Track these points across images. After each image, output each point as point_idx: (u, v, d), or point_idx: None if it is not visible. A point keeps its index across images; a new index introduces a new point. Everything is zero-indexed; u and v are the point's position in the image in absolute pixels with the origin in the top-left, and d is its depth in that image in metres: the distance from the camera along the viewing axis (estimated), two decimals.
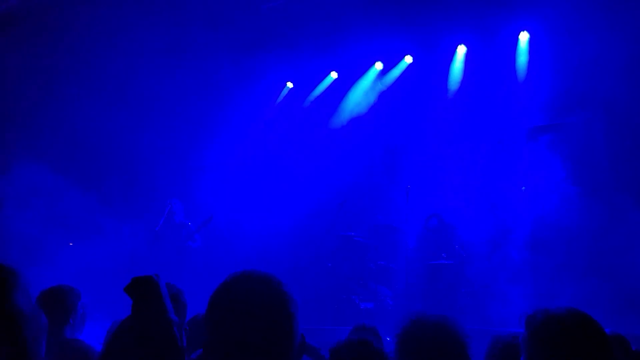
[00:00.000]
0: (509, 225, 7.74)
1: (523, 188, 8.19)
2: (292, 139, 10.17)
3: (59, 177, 8.50)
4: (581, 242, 7.25)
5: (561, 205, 7.46)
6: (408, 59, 9.43)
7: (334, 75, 10.10)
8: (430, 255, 8.23)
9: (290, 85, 10.43)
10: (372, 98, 9.76)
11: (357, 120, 9.77)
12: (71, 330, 3.22)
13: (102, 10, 8.42)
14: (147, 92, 9.22)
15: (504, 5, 8.18)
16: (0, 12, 8.47)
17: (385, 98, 9.64)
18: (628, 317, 6.12)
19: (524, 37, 8.48)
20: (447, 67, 9.02)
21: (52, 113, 8.99)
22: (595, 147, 7.74)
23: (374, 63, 9.73)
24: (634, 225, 6.91)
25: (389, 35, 8.87)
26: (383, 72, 9.75)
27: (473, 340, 2.21)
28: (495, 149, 8.49)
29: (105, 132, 8.87)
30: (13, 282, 1.84)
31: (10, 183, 8.27)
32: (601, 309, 6.14)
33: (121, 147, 9.09)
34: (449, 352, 2.09)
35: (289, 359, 1.41)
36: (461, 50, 8.97)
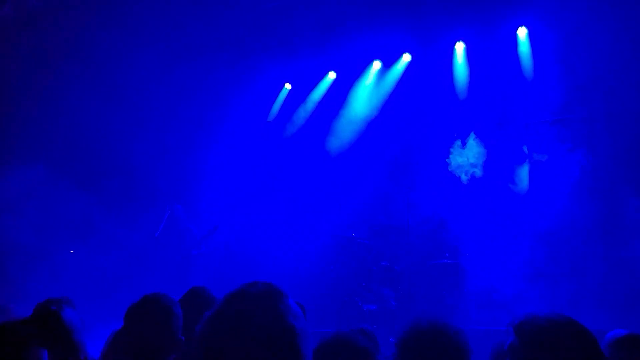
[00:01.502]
0: (511, 224, 7.71)
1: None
2: (292, 141, 10.14)
3: (57, 182, 8.47)
4: (585, 240, 7.21)
5: (565, 202, 7.43)
6: (406, 57, 9.40)
7: (332, 75, 10.08)
8: (432, 255, 8.18)
9: (288, 86, 10.41)
10: (371, 98, 9.72)
11: (356, 121, 9.73)
12: None
13: (100, 13, 8.40)
14: (146, 95, 9.20)
15: (502, 1, 8.17)
16: None
17: (385, 97, 9.60)
18: (630, 314, 6.11)
19: (522, 32, 8.46)
20: (445, 64, 8.98)
21: (49, 117, 8.96)
22: (597, 142, 7.72)
23: (371, 62, 9.70)
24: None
25: (387, 33, 8.84)
26: (381, 71, 9.72)
27: (477, 340, 2.18)
28: (496, 146, 8.46)
29: (104, 136, 8.84)
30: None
31: (8, 188, 8.23)
32: (603, 306, 6.16)
33: (119, 150, 9.05)
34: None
35: None
36: (459, 47, 8.94)
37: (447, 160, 8.53)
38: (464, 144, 8.52)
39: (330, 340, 2.34)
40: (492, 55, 8.57)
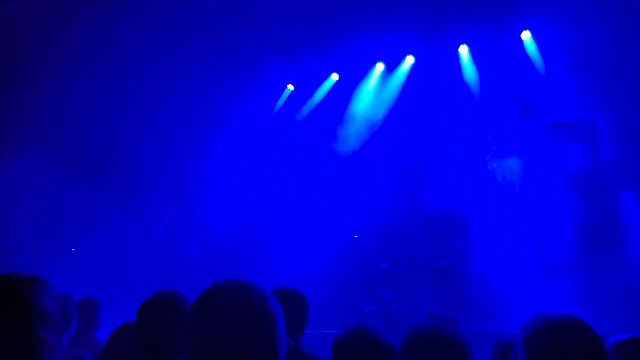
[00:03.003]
0: (513, 226, 7.69)
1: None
2: (293, 142, 10.13)
3: (61, 177, 8.48)
4: (587, 242, 7.19)
5: (567, 204, 7.41)
6: (409, 60, 9.39)
7: (334, 77, 10.07)
8: (433, 257, 8.17)
9: (291, 87, 10.41)
10: (376, 101, 9.71)
11: (361, 123, 9.72)
12: (69, 338, 3.17)
13: (107, 14, 8.43)
14: (152, 94, 9.22)
15: (506, 4, 8.16)
16: (6, 13, 8.48)
17: (390, 100, 9.59)
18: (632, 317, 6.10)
19: (526, 35, 8.46)
20: (450, 67, 8.98)
21: (56, 113, 8.98)
22: (600, 143, 7.71)
23: (374, 64, 9.70)
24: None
25: (389, 35, 8.83)
26: (385, 73, 9.71)
27: (478, 343, 2.17)
28: (496, 148, 8.45)
29: (109, 133, 8.87)
30: (38, 288, 1.95)
31: (11, 182, 8.23)
32: (605, 309, 6.15)
33: (124, 148, 9.08)
34: None
35: None
36: (463, 50, 8.93)
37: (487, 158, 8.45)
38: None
39: (354, 333, 2.36)
40: (496, 57, 8.57)
